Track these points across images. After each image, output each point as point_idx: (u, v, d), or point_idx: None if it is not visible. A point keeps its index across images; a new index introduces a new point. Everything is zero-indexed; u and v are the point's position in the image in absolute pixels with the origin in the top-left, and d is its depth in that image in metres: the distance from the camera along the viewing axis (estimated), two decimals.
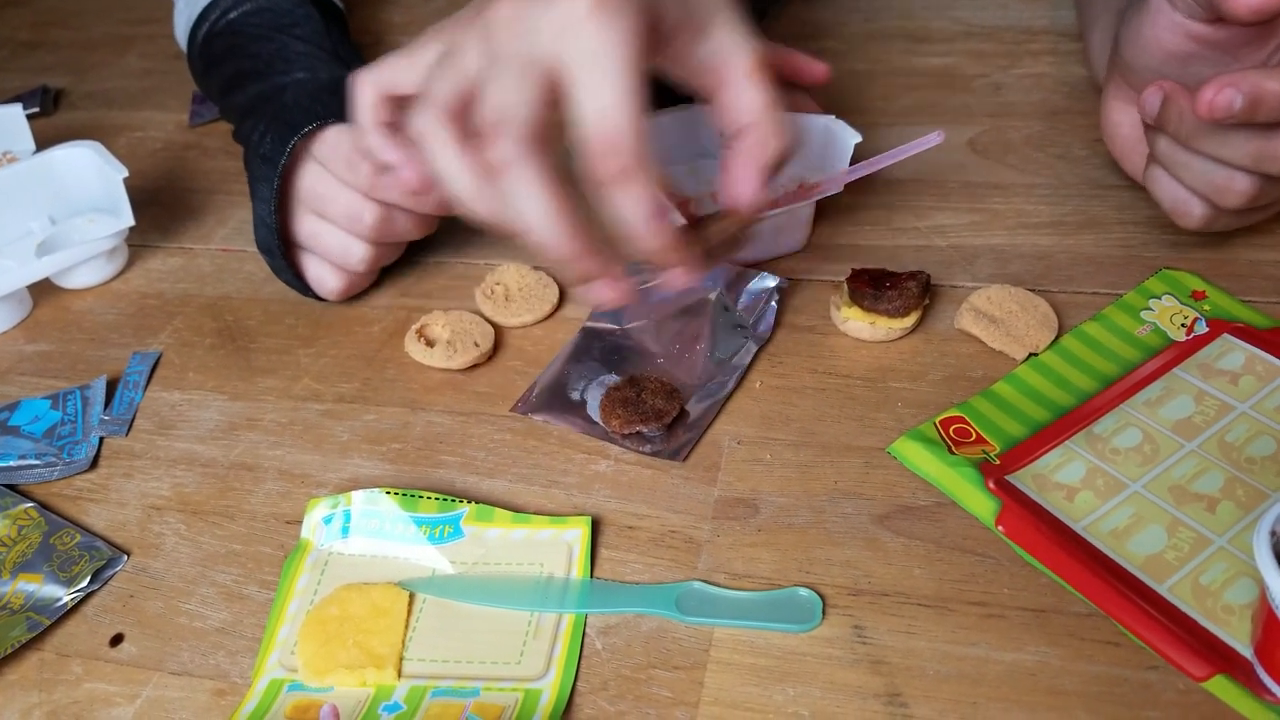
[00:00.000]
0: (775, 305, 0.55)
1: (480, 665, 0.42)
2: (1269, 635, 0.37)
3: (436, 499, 0.47)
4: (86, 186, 0.66)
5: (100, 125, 0.82)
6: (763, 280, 0.56)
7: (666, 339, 0.55)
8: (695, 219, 0.48)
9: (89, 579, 0.47)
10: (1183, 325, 0.52)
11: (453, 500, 0.47)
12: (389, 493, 0.47)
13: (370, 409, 0.54)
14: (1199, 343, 0.51)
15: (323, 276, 0.59)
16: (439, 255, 0.64)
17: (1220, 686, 0.38)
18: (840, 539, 0.45)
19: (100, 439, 0.55)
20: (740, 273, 0.57)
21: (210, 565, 0.48)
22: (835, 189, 0.56)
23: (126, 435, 0.55)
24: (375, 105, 0.51)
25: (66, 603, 0.46)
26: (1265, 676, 0.38)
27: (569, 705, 0.41)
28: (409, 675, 0.42)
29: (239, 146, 0.62)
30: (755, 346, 0.54)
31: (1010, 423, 0.49)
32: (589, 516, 0.47)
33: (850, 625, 0.42)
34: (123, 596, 0.47)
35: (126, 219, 0.63)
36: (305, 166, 0.56)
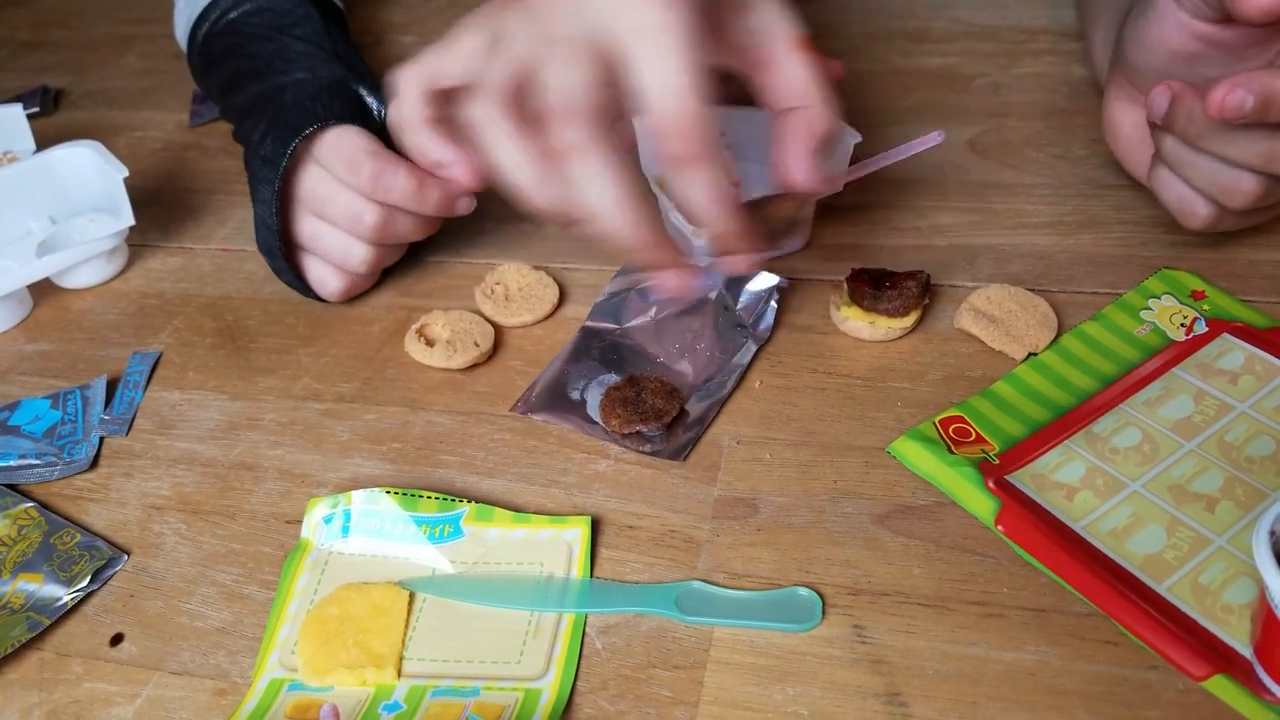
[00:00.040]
0: (775, 305, 0.55)
1: (480, 665, 0.42)
2: (1268, 635, 0.37)
3: (436, 498, 0.47)
4: (87, 186, 0.66)
5: (100, 125, 0.82)
6: (763, 280, 0.56)
7: (666, 339, 0.55)
8: (745, 203, 0.47)
9: (89, 579, 0.47)
10: (1182, 325, 0.52)
11: (453, 500, 0.47)
12: (389, 492, 0.47)
13: (370, 408, 0.54)
14: (1198, 342, 0.51)
15: (324, 278, 0.59)
16: (439, 255, 0.64)
17: (1220, 686, 0.38)
18: (840, 538, 0.45)
19: (100, 439, 0.55)
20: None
21: (210, 565, 0.48)
22: (835, 188, 0.56)
23: (126, 435, 0.55)
24: (420, 101, 0.49)
25: (67, 602, 0.46)
26: (1265, 676, 0.38)
27: (569, 705, 0.41)
28: (409, 675, 0.42)
29: (239, 146, 0.62)
30: (755, 346, 0.54)
31: (1010, 422, 0.49)
32: (589, 516, 0.47)
33: (850, 625, 0.42)
34: (123, 596, 0.47)
35: (126, 219, 0.63)
36: (306, 168, 0.56)
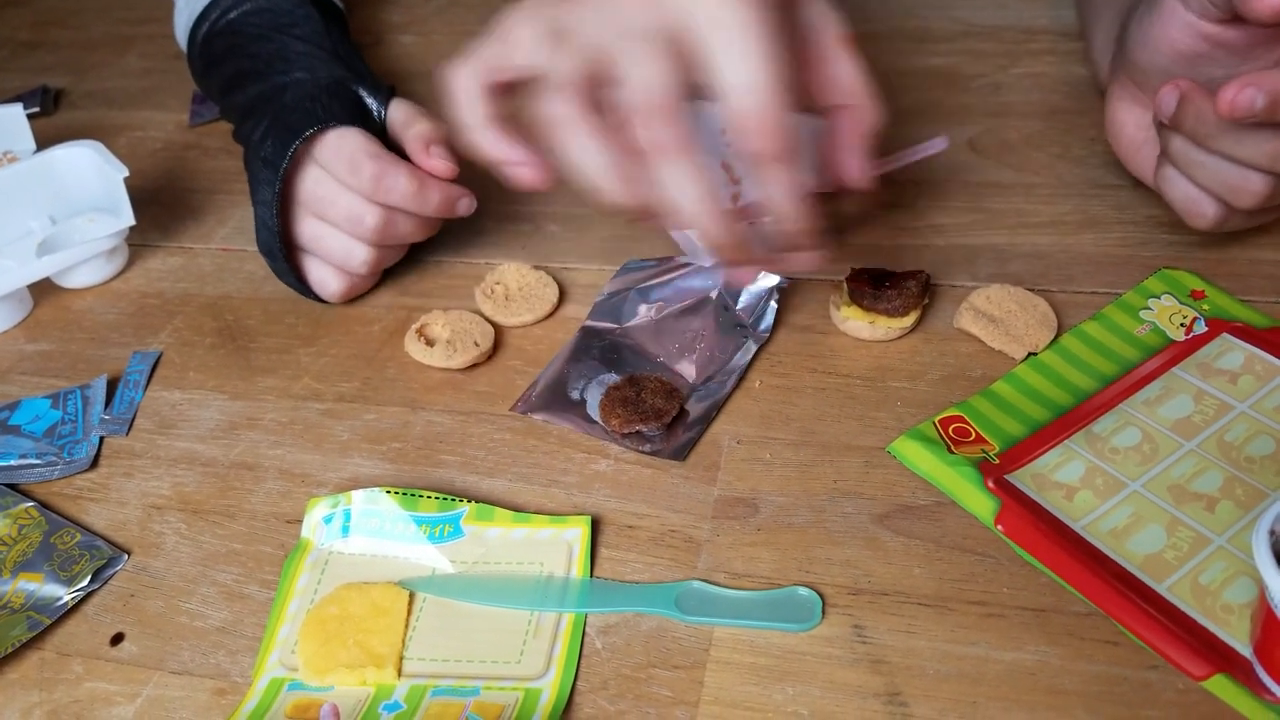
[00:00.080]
0: (775, 305, 0.55)
1: (480, 664, 0.42)
2: (1268, 634, 0.37)
3: (436, 498, 0.47)
4: (87, 186, 0.66)
5: (100, 125, 0.82)
6: (763, 280, 0.56)
7: (666, 339, 0.55)
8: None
9: (89, 578, 0.47)
10: (1182, 325, 0.52)
11: (453, 499, 0.47)
12: (389, 492, 0.47)
13: (370, 408, 0.54)
14: (1198, 342, 0.51)
15: (325, 279, 0.59)
16: (439, 254, 0.64)
17: (1220, 686, 0.38)
18: (840, 538, 0.45)
19: (100, 438, 0.55)
20: None
21: (211, 564, 0.48)
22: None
23: (127, 434, 0.55)
24: (479, 98, 0.47)
25: (67, 602, 0.46)
26: (1264, 676, 0.38)
27: (569, 704, 0.41)
28: (409, 674, 0.42)
29: (239, 146, 0.62)
30: (755, 346, 0.54)
31: (1009, 422, 0.49)
32: (589, 516, 0.47)
33: (850, 624, 0.42)
34: (123, 596, 0.47)
35: (127, 218, 0.63)
36: (306, 170, 0.56)
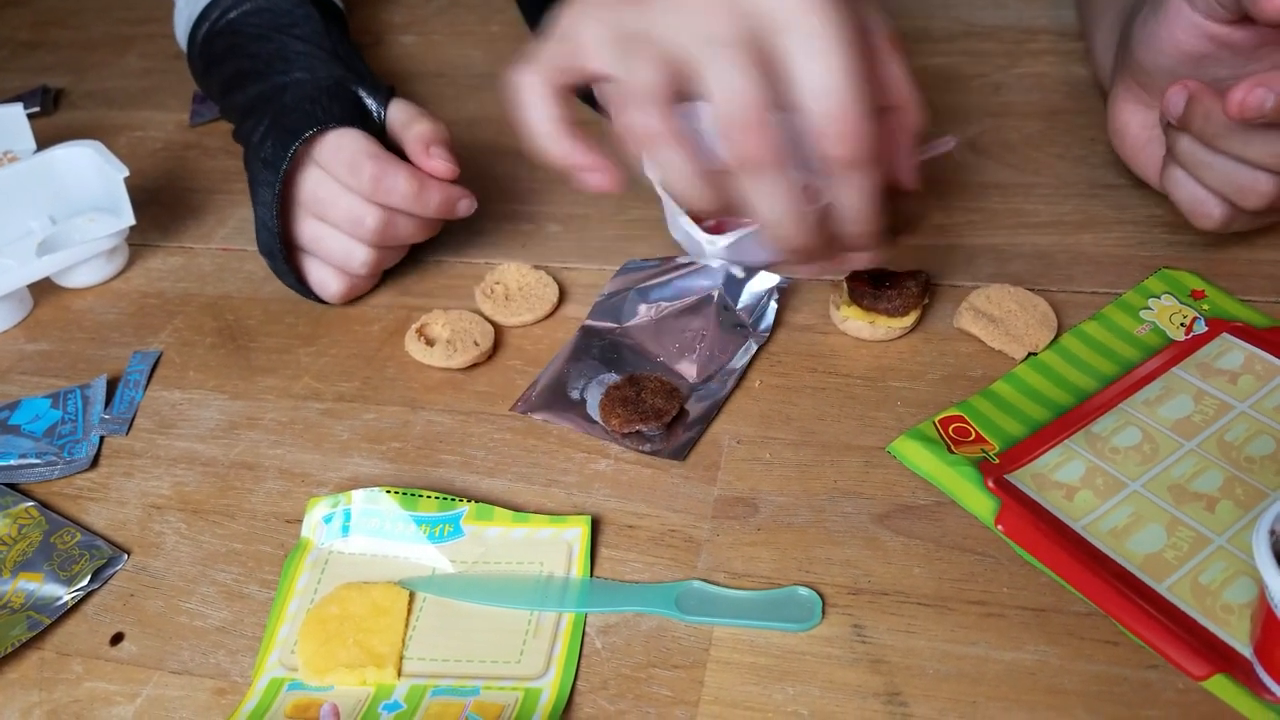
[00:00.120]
0: (775, 304, 0.55)
1: (480, 664, 0.42)
2: (1268, 634, 0.37)
3: (436, 498, 0.47)
4: (87, 186, 0.66)
5: (100, 125, 0.82)
6: (763, 280, 0.56)
7: (666, 338, 0.55)
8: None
9: (89, 578, 0.47)
10: (1182, 324, 0.52)
11: (453, 499, 0.47)
12: (389, 492, 0.47)
13: (370, 408, 0.54)
14: (1198, 342, 0.51)
15: (325, 280, 0.59)
16: (439, 254, 0.64)
17: (1220, 686, 0.38)
18: (840, 538, 0.45)
19: (100, 438, 0.55)
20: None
21: (210, 564, 0.48)
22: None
23: (127, 434, 0.55)
24: (549, 103, 0.45)
25: (67, 601, 0.46)
26: (1264, 676, 0.38)
27: (569, 704, 0.41)
28: (409, 674, 0.42)
29: (239, 146, 0.62)
30: (755, 346, 0.54)
31: (1009, 422, 0.49)
32: (589, 515, 0.47)
33: (850, 624, 0.42)
34: (123, 595, 0.47)
35: (127, 218, 0.63)
36: (306, 170, 0.56)
